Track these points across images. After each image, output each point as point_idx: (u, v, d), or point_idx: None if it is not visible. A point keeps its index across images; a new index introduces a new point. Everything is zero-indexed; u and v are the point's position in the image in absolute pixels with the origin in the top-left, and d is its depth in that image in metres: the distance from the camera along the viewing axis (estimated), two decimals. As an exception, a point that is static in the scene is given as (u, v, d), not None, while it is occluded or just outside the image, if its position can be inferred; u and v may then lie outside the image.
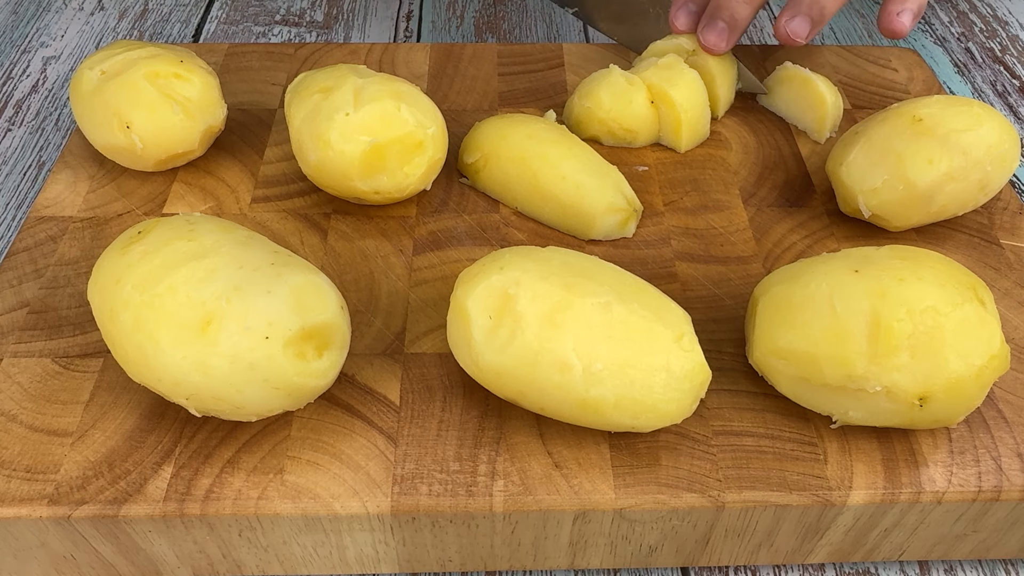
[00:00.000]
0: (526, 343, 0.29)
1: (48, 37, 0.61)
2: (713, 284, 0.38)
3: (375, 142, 0.37)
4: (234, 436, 0.32)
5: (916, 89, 0.49)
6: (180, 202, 0.41)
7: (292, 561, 0.33)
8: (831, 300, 0.30)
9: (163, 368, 0.29)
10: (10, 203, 0.49)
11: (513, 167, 0.40)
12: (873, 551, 0.34)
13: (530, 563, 0.34)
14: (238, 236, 0.31)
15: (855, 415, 0.31)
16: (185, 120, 0.40)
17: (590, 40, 0.63)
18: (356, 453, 0.31)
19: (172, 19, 0.64)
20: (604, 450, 0.32)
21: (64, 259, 0.38)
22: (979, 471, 0.31)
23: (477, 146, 0.41)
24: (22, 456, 0.31)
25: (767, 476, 0.31)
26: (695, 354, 0.30)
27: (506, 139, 0.40)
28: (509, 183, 0.40)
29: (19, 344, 0.35)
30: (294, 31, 0.63)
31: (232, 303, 0.28)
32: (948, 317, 0.29)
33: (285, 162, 0.43)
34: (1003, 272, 0.39)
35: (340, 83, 0.38)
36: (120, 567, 0.33)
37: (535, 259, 0.31)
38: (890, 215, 0.38)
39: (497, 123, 0.41)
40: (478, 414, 0.33)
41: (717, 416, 0.33)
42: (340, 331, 0.31)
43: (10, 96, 0.56)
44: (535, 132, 0.40)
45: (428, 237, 0.40)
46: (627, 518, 0.31)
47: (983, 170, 0.37)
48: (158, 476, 0.31)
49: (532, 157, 0.39)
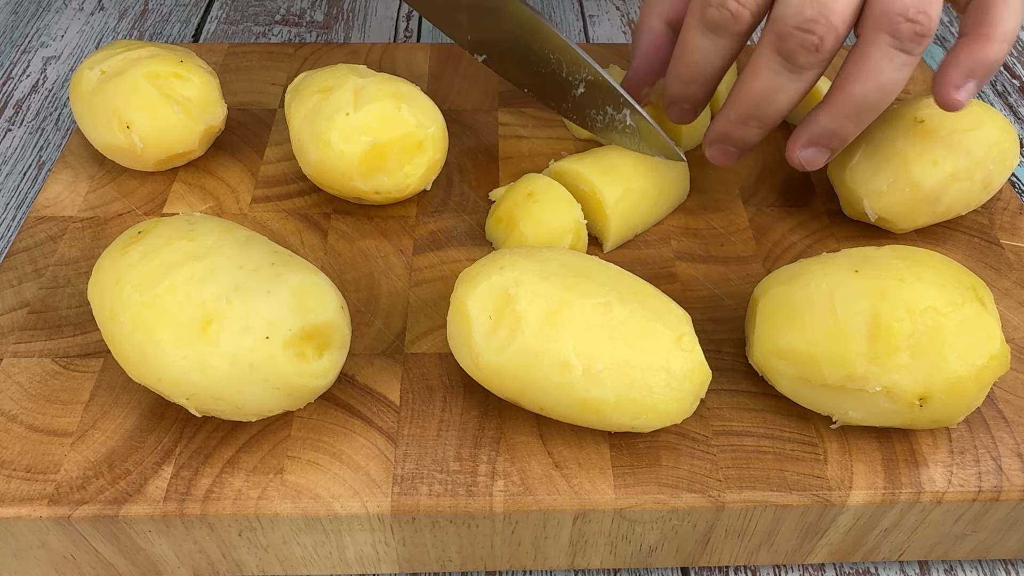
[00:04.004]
0: (526, 343, 0.29)
1: (48, 37, 0.61)
2: (713, 284, 0.38)
3: (375, 142, 0.37)
4: (234, 436, 0.32)
5: (916, 89, 0.49)
6: (180, 202, 0.41)
7: (292, 561, 0.33)
8: (831, 300, 0.30)
9: (163, 368, 0.29)
10: (10, 203, 0.49)
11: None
12: (873, 551, 0.34)
13: (530, 563, 0.34)
14: (238, 236, 0.31)
15: (855, 415, 0.31)
16: (185, 120, 0.40)
17: (590, 40, 0.63)
18: (356, 453, 0.31)
19: (172, 19, 0.64)
20: (604, 450, 0.32)
21: (64, 259, 0.38)
22: (979, 471, 0.31)
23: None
24: (22, 456, 0.31)
25: (767, 476, 0.31)
26: (695, 354, 0.30)
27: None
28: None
29: (19, 344, 0.35)
30: (294, 31, 0.63)
31: (232, 303, 0.28)
32: (948, 317, 0.29)
33: (285, 162, 0.43)
34: (1003, 272, 0.39)
35: (340, 83, 0.38)
36: (120, 567, 0.33)
37: (535, 259, 0.31)
38: (896, 217, 0.38)
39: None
40: (478, 414, 0.33)
41: (717, 416, 0.33)
42: (340, 331, 0.31)
43: (10, 96, 0.56)
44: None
45: (428, 237, 0.40)
46: (627, 518, 0.31)
47: (986, 169, 0.37)
48: (158, 476, 0.31)
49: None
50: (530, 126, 0.46)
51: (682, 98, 0.38)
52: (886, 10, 0.32)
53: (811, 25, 0.32)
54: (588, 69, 0.39)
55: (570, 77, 0.40)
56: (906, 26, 0.31)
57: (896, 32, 0.32)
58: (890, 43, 0.32)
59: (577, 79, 0.40)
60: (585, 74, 0.39)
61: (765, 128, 0.36)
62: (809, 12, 0.31)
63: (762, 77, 0.34)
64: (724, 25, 0.34)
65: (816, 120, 0.35)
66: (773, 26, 0.32)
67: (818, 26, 0.32)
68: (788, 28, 0.32)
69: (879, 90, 0.33)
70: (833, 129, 0.35)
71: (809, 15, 0.32)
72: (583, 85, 0.39)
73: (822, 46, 0.32)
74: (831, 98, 0.34)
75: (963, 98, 0.33)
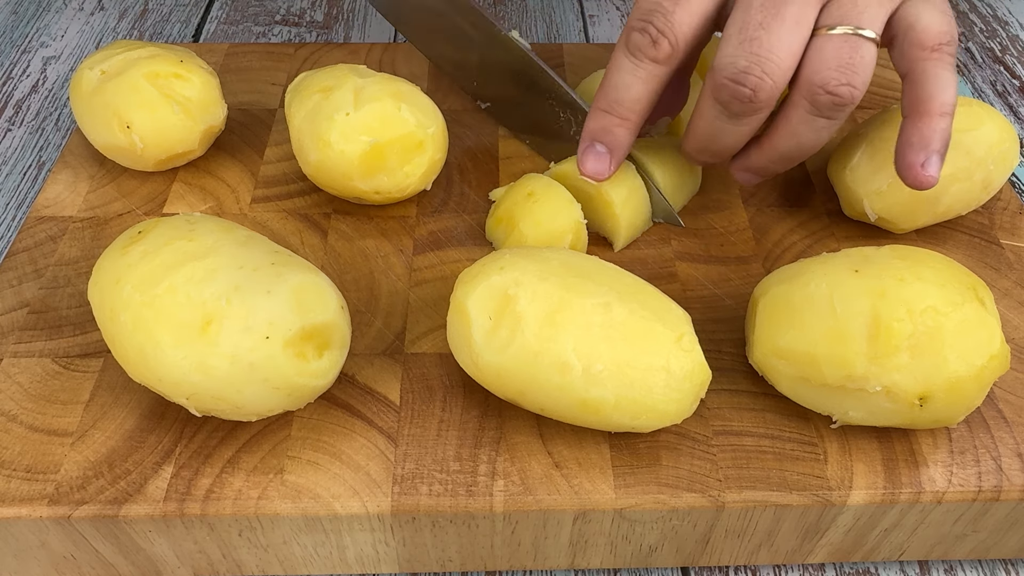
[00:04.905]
0: (526, 343, 0.29)
1: (48, 37, 0.61)
2: (713, 284, 0.38)
3: (375, 142, 0.37)
4: (234, 436, 0.32)
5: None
6: (180, 202, 0.41)
7: (292, 561, 0.33)
8: (831, 300, 0.30)
9: (163, 368, 0.29)
10: (10, 203, 0.49)
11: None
12: (873, 551, 0.34)
13: (530, 563, 0.34)
14: (238, 236, 0.31)
15: (855, 415, 0.31)
16: (185, 120, 0.40)
17: (590, 40, 0.63)
18: (356, 453, 0.31)
19: (172, 19, 0.64)
20: (604, 450, 0.32)
21: (64, 259, 0.38)
22: (979, 471, 0.31)
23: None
24: (22, 456, 0.31)
25: (767, 476, 0.31)
26: (695, 354, 0.30)
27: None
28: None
29: (19, 344, 0.35)
30: (294, 31, 0.63)
31: (232, 303, 0.28)
32: (948, 317, 0.29)
33: (285, 162, 0.43)
34: (1003, 272, 0.39)
35: (340, 83, 0.38)
36: (120, 567, 0.33)
37: (535, 259, 0.31)
38: (896, 217, 0.38)
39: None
40: (478, 414, 0.33)
41: (717, 416, 0.33)
42: (340, 331, 0.31)
43: (10, 96, 0.56)
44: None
45: (428, 237, 0.40)
46: (627, 518, 0.31)
47: (986, 169, 0.37)
48: (158, 476, 0.31)
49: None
50: (530, 126, 0.46)
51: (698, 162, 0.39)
52: (809, 80, 0.32)
53: (743, 78, 0.32)
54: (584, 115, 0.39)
55: (576, 136, 0.40)
56: (825, 98, 0.32)
57: (815, 102, 0.33)
58: (809, 110, 0.33)
59: (575, 126, 0.41)
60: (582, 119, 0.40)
61: (722, 157, 0.37)
62: (743, 63, 0.32)
63: (706, 121, 0.35)
64: (644, 50, 0.34)
65: (749, 154, 0.37)
66: (711, 75, 0.33)
67: (750, 78, 0.32)
68: (722, 79, 0.32)
69: (798, 147, 0.35)
70: (762, 167, 0.37)
71: (742, 66, 0.32)
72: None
73: (755, 97, 0.32)
74: (760, 142, 0.36)
75: (933, 172, 0.32)
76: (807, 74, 0.32)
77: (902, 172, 0.33)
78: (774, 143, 0.35)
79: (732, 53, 0.32)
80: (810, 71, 0.32)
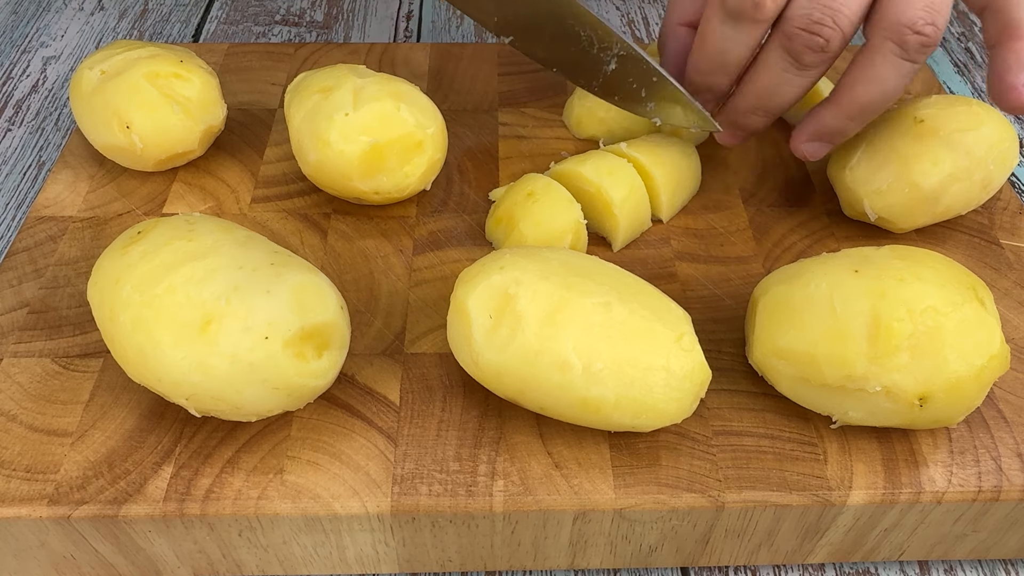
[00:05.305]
0: (526, 343, 0.29)
1: (48, 37, 0.61)
2: (713, 284, 0.38)
3: (375, 142, 0.37)
4: (234, 436, 0.32)
5: (916, 89, 0.49)
6: (180, 202, 0.41)
7: (292, 561, 0.33)
8: (831, 300, 0.30)
9: (163, 368, 0.29)
10: (10, 203, 0.49)
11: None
12: (873, 551, 0.34)
13: (530, 563, 0.34)
14: (238, 236, 0.31)
15: (855, 415, 0.31)
16: (185, 120, 0.40)
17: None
18: (356, 453, 0.31)
19: (172, 19, 0.64)
20: (604, 450, 0.32)
21: (64, 259, 0.38)
22: (979, 471, 0.31)
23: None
24: (22, 456, 0.31)
25: (767, 476, 0.31)
26: (695, 354, 0.30)
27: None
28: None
29: (19, 344, 0.35)
30: (294, 31, 0.63)
31: (232, 303, 0.28)
32: (948, 317, 0.29)
33: (285, 162, 0.43)
34: (1003, 272, 0.39)
35: (340, 83, 0.38)
36: (120, 567, 0.33)
37: (535, 259, 0.31)
38: (896, 217, 0.38)
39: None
40: (478, 414, 0.33)
41: (717, 416, 0.33)
42: (340, 331, 0.31)
43: (10, 96, 0.56)
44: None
45: (428, 237, 0.40)
46: (627, 518, 0.31)
47: (985, 169, 0.37)
48: (158, 476, 0.31)
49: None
50: (530, 126, 0.46)
51: (704, 88, 0.38)
52: (894, 21, 0.32)
53: (818, 28, 0.33)
54: (620, 44, 0.39)
55: (601, 53, 0.40)
56: (913, 38, 0.32)
57: (903, 43, 0.33)
58: (896, 52, 0.33)
59: (609, 55, 0.40)
60: (617, 49, 0.39)
61: (770, 117, 0.38)
62: (817, 15, 0.33)
63: (769, 73, 0.35)
64: (745, 13, 0.34)
65: (821, 118, 0.37)
66: (782, 26, 0.34)
67: (825, 29, 0.33)
68: (796, 29, 0.33)
69: (882, 95, 0.35)
70: (837, 128, 0.37)
71: (817, 17, 0.33)
72: (615, 61, 0.40)
73: (828, 47, 0.33)
74: (836, 99, 0.36)
75: None
76: (892, 15, 0.32)
77: (1003, 95, 0.33)
78: (855, 95, 0.35)
79: (806, 5, 0.33)
80: (895, 11, 0.32)
